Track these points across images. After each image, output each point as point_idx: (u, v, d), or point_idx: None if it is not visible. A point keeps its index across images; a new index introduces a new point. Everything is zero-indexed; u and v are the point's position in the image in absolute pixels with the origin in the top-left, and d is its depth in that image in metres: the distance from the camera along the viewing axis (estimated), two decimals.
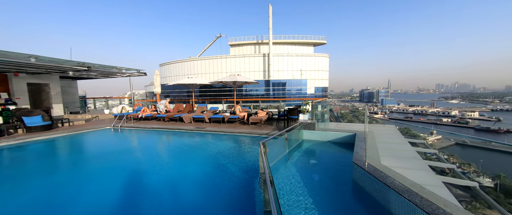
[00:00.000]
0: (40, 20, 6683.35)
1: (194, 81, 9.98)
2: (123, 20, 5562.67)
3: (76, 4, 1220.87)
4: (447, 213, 1.83)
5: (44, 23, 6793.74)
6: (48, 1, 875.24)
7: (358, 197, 3.26)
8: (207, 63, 34.44)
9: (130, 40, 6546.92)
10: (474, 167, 34.90)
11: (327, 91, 38.69)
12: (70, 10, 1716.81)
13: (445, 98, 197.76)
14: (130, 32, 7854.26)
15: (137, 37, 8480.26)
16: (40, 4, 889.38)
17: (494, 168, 33.35)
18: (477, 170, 34.13)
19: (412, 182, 2.53)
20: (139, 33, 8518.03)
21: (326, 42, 37.83)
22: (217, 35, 39.42)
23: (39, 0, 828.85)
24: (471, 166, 35.24)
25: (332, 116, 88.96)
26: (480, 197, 23.07)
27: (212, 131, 7.75)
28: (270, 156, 4.42)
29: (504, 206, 26.74)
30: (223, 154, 5.71)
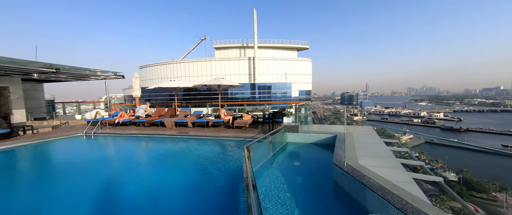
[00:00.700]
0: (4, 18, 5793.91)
1: (177, 84, 9.66)
2: (102, 20, 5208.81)
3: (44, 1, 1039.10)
4: (414, 208, 1.99)
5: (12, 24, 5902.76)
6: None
7: (338, 196, 3.39)
8: (191, 66, 33.66)
9: (110, 41, 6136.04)
10: (441, 163, 38.42)
11: (310, 94, 40.04)
12: (38, 7, 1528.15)
13: (415, 100, 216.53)
14: (110, 32, 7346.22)
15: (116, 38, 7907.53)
16: None
17: (457, 164, 37.08)
18: (444, 166, 37.61)
19: (386, 180, 2.71)
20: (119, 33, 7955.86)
21: (308, 47, 39.33)
22: (202, 38, 38.88)
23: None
24: (438, 162, 38.74)
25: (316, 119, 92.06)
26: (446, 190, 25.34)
27: (196, 136, 7.54)
28: (254, 159, 4.42)
29: (466, 197, 29.70)
30: (207, 159, 5.58)
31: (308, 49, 40.01)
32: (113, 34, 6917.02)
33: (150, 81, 37.03)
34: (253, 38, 33.70)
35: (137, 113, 9.80)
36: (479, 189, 30.84)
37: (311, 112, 41.77)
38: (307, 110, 9.00)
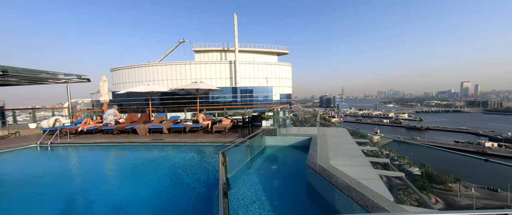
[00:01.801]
0: None
1: (151, 89, 9.14)
2: (66, 19, 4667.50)
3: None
4: (374, 203, 2.15)
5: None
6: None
7: (311, 197, 3.50)
8: (169, 69, 32.28)
9: (76, 42, 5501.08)
10: (408, 159, 42.40)
11: (291, 97, 41.28)
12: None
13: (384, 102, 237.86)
14: (76, 32, 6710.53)
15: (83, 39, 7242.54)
16: None
17: (420, 159, 41.31)
18: (410, 162, 41.56)
19: (352, 179, 2.88)
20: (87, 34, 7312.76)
21: (288, 52, 40.73)
22: (180, 40, 37.68)
23: None
24: (405, 159, 42.71)
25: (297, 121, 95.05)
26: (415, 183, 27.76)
27: (172, 142, 7.18)
28: (231, 164, 4.36)
29: (428, 189, 33.10)
30: (182, 167, 5.33)
31: (288, 54, 41.40)
32: (81, 34, 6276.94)
33: (123, 85, 34.51)
34: (234, 42, 33.75)
35: (105, 120, 8.98)
36: (438, 181, 34.68)
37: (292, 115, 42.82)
38: (285, 113, 9.22)
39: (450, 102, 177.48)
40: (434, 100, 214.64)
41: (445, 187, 34.02)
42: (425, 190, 31.59)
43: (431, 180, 35.62)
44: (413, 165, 39.98)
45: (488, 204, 29.13)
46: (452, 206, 29.47)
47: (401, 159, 42.56)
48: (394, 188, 24.24)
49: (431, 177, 35.84)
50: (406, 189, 25.17)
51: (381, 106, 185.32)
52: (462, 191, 32.70)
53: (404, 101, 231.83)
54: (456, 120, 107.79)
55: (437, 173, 35.94)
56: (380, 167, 9.27)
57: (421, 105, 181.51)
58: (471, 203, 29.40)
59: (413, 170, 37.99)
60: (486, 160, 1.72)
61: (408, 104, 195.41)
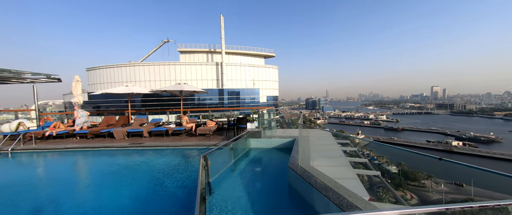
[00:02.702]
0: None
1: (130, 90, 8.67)
2: (35, 15, 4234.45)
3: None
4: (349, 202, 2.24)
5: None
6: None
7: (292, 199, 3.55)
8: (152, 70, 31.01)
9: (50, 39, 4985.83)
10: (386, 158, 45.06)
11: (277, 99, 41.86)
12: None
13: (365, 105, 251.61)
14: (49, 28, 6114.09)
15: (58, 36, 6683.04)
16: None
17: (397, 158, 44.17)
18: (388, 161, 44.21)
19: (330, 179, 2.98)
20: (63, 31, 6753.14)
21: (275, 55, 41.39)
22: (164, 40, 36.47)
23: None
24: (384, 158, 45.32)
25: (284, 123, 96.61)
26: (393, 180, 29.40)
27: (152, 146, 6.86)
28: (215, 167, 4.28)
29: (404, 186, 35.37)
30: (163, 172, 5.10)
31: (275, 57, 42.05)
32: (58, 33, 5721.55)
33: (101, 85, 32.41)
34: (221, 44, 33.49)
35: (78, 123, 8.30)
36: (412, 178, 37.30)
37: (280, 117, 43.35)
38: (270, 115, 9.31)
39: (422, 105, 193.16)
40: (409, 102, 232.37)
41: (419, 183, 36.69)
42: (401, 187, 33.80)
43: (406, 177, 38.20)
44: (390, 164, 42.57)
45: (455, 198, 31.96)
46: (425, 201, 31.88)
47: (380, 159, 45.12)
48: (374, 186, 25.58)
49: (406, 175, 38.43)
50: (385, 186, 26.63)
51: (362, 109, 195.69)
52: (433, 187, 35.52)
53: (382, 104, 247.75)
54: (427, 121, 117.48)
55: (412, 171, 38.64)
56: (361, 167, 9.73)
57: (397, 107, 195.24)
58: (441, 198, 32.05)
59: (391, 169, 40.44)
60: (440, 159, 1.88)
61: (386, 107, 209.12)
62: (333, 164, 5.03)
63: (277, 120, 44.74)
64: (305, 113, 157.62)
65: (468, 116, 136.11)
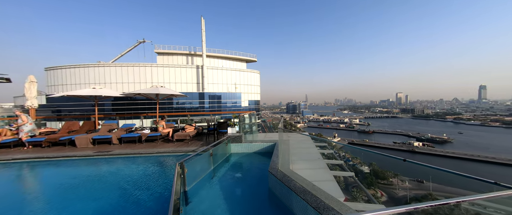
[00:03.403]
0: None
1: (97, 92, 7.87)
2: None
3: None
4: (326, 204, 2.30)
5: None
6: None
7: (272, 204, 3.54)
8: (125, 71, 28.81)
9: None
10: (359, 159, 48.30)
11: (259, 104, 42.20)
12: None
13: (340, 109, 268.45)
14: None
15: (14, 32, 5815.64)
16: None
17: (369, 159, 47.68)
18: (361, 162, 47.44)
19: (308, 182, 3.05)
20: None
21: (256, 60, 41.93)
22: (140, 40, 34.35)
23: None
24: (357, 159, 48.50)
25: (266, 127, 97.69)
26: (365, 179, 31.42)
27: (123, 154, 6.27)
28: (192, 175, 4.06)
29: (375, 185, 38.11)
30: (134, 182, 4.67)
31: (256, 62, 42.58)
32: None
33: (64, 87, 29.00)
34: (201, 46, 32.79)
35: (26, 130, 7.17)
36: (382, 177, 40.58)
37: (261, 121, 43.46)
38: (252, 119, 9.30)
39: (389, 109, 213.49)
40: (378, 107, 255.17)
41: (388, 181, 40.00)
42: (373, 186, 36.50)
43: (377, 176, 41.41)
44: (363, 165, 45.71)
45: (418, 193, 35.54)
46: (393, 197, 34.83)
47: (355, 160, 48.21)
48: (349, 186, 27.09)
49: (377, 174, 41.66)
50: (358, 186, 28.37)
51: (338, 113, 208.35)
52: (399, 184, 39.06)
53: (356, 108, 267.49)
54: (393, 124, 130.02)
55: (381, 170, 42.04)
56: (338, 168, 10.23)
57: (368, 111, 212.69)
58: (406, 194, 35.34)
59: (364, 169, 43.36)
60: (404, 160, 2.07)
61: (359, 111, 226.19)
62: (312, 167, 5.18)
63: (258, 124, 44.98)
64: (286, 117, 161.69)
65: (426, 119, 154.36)
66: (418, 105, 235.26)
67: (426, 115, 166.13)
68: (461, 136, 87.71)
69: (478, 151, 63.08)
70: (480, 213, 2.19)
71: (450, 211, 1.78)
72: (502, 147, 67.39)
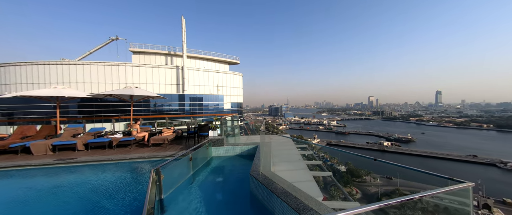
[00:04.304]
0: None
1: (60, 93, 7.02)
2: None
3: None
4: (305, 205, 2.36)
5: None
6: None
7: (254, 208, 3.51)
8: (94, 70, 26.37)
9: None
10: (337, 159, 50.95)
11: (242, 106, 42.08)
12: None
13: (319, 111, 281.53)
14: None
15: None
16: None
17: (345, 159, 50.60)
18: (338, 161, 50.08)
19: (289, 183, 3.10)
20: None
21: (239, 62, 41.89)
22: (112, 37, 31.83)
23: None
24: (335, 159, 51.10)
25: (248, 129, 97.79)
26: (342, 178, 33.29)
27: (89, 161, 5.67)
28: (169, 181, 3.84)
29: (351, 183, 40.44)
30: (104, 192, 4.23)
31: (239, 64, 42.52)
32: None
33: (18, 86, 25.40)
34: (182, 47, 31.67)
35: None
36: (357, 175, 43.34)
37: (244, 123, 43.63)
38: (234, 122, 9.20)
39: (363, 112, 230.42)
40: (353, 110, 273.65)
41: (361, 179, 42.84)
42: (349, 184, 38.80)
43: (352, 175, 44.11)
44: (340, 164, 48.32)
45: (387, 189, 38.68)
46: (366, 194, 37.40)
47: (332, 160, 50.73)
48: (328, 185, 28.36)
49: (352, 173, 44.37)
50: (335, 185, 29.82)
51: (317, 115, 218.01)
52: (371, 181, 42.12)
53: (333, 111, 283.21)
54: (366, 125, 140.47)
55: (356, 169, 44.92)
56: (317, 169, 10.62)
57: (344, 114, 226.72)
58: (377, 190, 38.22)
59: (341, 168, 45.84)
60: (375, 159, 2.23)
61: (336, 113, 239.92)
62: (293, 168, 5.29)
63: (241, 126, 44.71)
64: (268, 120, 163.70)
65: (394, 121, 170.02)
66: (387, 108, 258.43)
67: (394, 117, 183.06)
68: (423, 136, 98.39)
69: (436, 149, 71.42)
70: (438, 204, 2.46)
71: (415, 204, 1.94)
72: (455, 145, 77.36)
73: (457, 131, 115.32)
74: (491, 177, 47.27)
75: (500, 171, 52.15)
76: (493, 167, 54.44)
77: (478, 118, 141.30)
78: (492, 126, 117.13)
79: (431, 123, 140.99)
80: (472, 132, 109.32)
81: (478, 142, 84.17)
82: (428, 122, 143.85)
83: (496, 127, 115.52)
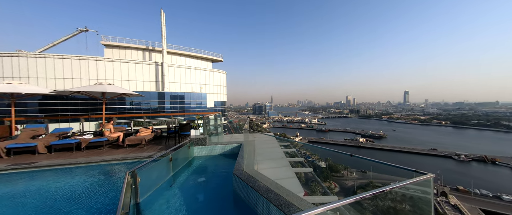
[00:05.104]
0: None
1: (16, 89, 6.15)
2: None
3: None
4: (287, 202, 2.41)
5: None
6: None
7: (237, 207, 3.49)
8: (59, 64, 23.71)
9: None
10: (317, 156, 53.22)
11: (226, 105, 41.49)
12: None
13: (302, 110, 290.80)
14: None
15: None
16: None
17: (325, 155, 53.13)
18: (319, 158, 52.36)
19: (272, 181, 3.14)
20: None
21: (223, 60, 41.16)
22: (81, 29, 28.87)
23: None
24: (315, 155, 53.33)
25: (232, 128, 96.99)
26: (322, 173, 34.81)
27: (53, 165, 5.09)
28: (147, 184, 3.63)
29: (330, 177, 42.55)
30: (71, 199, 3.83)
31: (222, 62, 41.78)
32: None
33: None
34: (161, 42, 30.05)
35: None
36: (336, 170, 45.84)
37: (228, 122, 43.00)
38: (217, 121, 9.03)
39: (341, 110, 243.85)
40: (332, 108, 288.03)
41: (339, 174, 45.44)
42: (328, 179, 40.87)
43: (332, 170, 46.53)
44: (321, 160, 50.60)
45: (362, 182, 41.61)
46: (344, 187, 39.83)
47: (313, 156, 52.88)
48: (309, 181, 29.52)
49: (331, 168, 46.81)
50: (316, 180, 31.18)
51: (300, 113, 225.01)
52: (348, 175, 44.95)
53: (315, 109, 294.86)
54: (344, 123, 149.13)
55: (335, 164, 47.47)
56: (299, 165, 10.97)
57: (325, 112, 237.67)
58: (353, 183, 40.92)
59: (321, 164, 48.02)
60: (351, 155, 2.37)
61: (317, 112, 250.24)
62: (276, 165, 5.38)
63: (225, 125, 44.13)
64: (252, 118, 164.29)
65: (368, 119, 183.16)
66: (363, 107, 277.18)
67: (368, 115, 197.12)
68: (394, 132, 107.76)
69: (404, 144, 78.81)
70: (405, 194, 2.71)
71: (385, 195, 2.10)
72: (419, 140, 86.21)
73: (421, 127, 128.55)
74: (448, 168, 53.78)
75: (455, 162, 59.57)
76: (450, 159, 61.98)
77: (438, 115, 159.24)
78: (449, 123, 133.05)
79: (400, 120, 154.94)
80: (433, 128, 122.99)
81: (438, 137, 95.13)
82: (397, 120, 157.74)
83: (452, 123, 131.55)
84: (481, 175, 48.72)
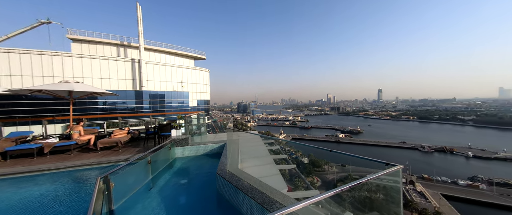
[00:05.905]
0: None
1: None
2: None
3: None
4: (271, 198, 2.44)
5: None
6: None
7: (221, 207, 3.44)
8: (16, 59, 20.93)
9: None
10: (301, 152, 54.96)
11: (209, 103, 40.54)
12: None
13: (286, 108, 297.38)
14: None
15: None
16: None
17: (308, 151, 55.10)
18: (302, 154, 54.12)
19: (256, 179, 3.15)
20: None
21: (205, 57, 40.09)
22: (43, 20, 25.74)
23: None
24: (299, 152, 55.01)
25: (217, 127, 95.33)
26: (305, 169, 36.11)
27: (9, 174, 4.49)
28: (122, 190, 3.38)
29: (313, 172, 44.30)
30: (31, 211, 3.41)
31: (205, 60, 40.70)
32: None
33: None
34: (138, 37, 28.22)
35: None
36: (317, 165, 47.86)
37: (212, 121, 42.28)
38: (200, 120, 8.79)
39: (322, 108, 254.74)
40: (314, 106, 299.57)
41: (321, 169, 47.57)
42: (311, 174, 42.56)
43: (314, 165, 48.45)
44: (304, 156, 52.38)
45: (342, 175, 44.08)
46: (325, 181, 41.83)
47: (297, 153, 54.50)
48: (292, 177, 30.37)
49: (313, 163, 48.72)
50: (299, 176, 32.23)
51: (284, 111, 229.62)
52: (329, 170, 47.26)
53: (298, 107, 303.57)
54: (325, 120, 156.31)
55: (317, 159, 49.52)
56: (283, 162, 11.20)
57: (307, 110, 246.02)
58: (334, 177, 43.17)
59: (304, 160, 49.72)
60: (330, 150, 2.48)
61: (300, 109, 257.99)
62: (260, 163, 5.42)
63: (208, 124, 43.17)
64: (237, 117, 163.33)
65: (347, 115, 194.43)
66: (342, 104, 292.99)
67: (347, 112, 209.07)
68: (370, 128, 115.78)
69: (378, 138, 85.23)
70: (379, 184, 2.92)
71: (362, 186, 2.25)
72: (391, 135, 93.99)
73: (393, 122, 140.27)
74: (415, 158, 59.61)
75: (420, 153, 66.27)
76: (416, 151, 68.75)
77: (406, 111, 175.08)
78: (416, 118, 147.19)
79: (375, 116, 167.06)
80: (402, 123, 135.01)
81: (406, 131, 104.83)
82: (372, 116, 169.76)
83: (418, 118, 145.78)
84: (441, 164, 54.95)
